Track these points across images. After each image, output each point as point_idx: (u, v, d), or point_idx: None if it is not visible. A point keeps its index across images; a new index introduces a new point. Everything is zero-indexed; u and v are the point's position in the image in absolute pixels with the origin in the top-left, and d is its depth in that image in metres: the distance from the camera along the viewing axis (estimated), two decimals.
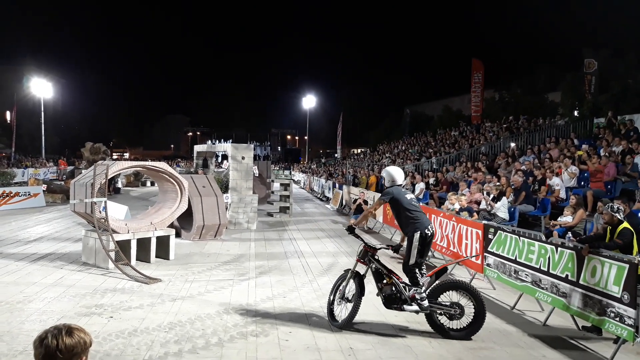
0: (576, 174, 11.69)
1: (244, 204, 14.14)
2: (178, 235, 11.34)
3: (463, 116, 37.12)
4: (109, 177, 8.81)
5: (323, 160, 56.69)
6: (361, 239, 6.16)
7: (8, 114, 54.73)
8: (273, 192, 22.82)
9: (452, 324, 5.71)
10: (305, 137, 61.36)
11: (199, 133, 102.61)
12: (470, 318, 5.63)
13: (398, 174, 6.17)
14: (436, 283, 5.83)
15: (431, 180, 16.54)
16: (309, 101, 53.91)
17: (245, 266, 9.15)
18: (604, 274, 5.31)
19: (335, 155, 53.73)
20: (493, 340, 5.67)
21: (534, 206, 11.15)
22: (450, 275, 8.47)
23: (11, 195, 17.40)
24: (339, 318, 5.89)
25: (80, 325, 2.19)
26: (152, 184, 28.85)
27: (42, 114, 43.67)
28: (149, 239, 9.22)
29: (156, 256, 9.38)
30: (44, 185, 20.49)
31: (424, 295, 5.64)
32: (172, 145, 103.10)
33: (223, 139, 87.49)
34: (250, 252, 10.53)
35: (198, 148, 17.08)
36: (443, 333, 5.67)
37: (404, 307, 5.72)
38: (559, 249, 6.08)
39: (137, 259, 8.99)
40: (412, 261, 5.71)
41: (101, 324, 5.76)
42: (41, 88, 44.52)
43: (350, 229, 6.10)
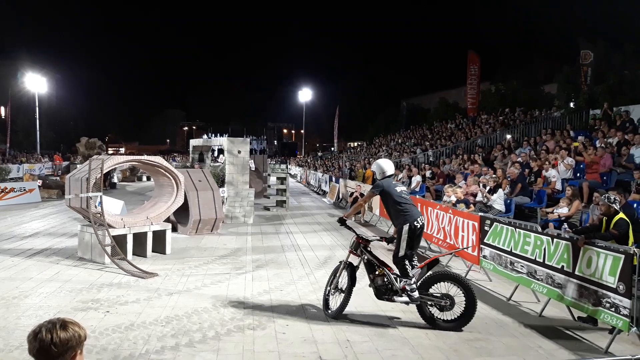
0: (572, 166, 11.72)
1: (241, 198, 14.12)
2: (174, 229, 11.32)
3: (459, 109, 37.07)
4: (104, 172, 8.78)
5: (320, 154, 56.59)
6: (353, 231, 6.24)
7: (2, 110, 54.33)
8: (270, 186, 22.83)
9: (443, 315, 5.73)
10: (302, 131, 61.17)
11: (195, 127, 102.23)
12: (461, 310, 5.65)
13: (388, 166, 6.25)
14: (428, 274, 5.85)
15: (427, 173, 16.55)
16: (305, 95, 53.74)
17: (242, 260, 9.15)
18: (600, 264, 5.33)
19: (332, 148, 53.64)
20: (489, 331, 5.69)
21: (530, 198, 11.18)
22: (446, 267, 8.50)
23: (6, 191, 17.36)
24: (332, 308, 6.00)
25: (76, 320, 2.18)
26: (148, 178, 28.79)
27: (37, 109, 43.42)
28: (145, 234, 9.21)
29: (153, 251, 9.38)
30: (39, 180, 20.38)
31: (414, 286, 5.67)
32: (168, 140, 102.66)
33: (219, 133, 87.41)
34: (247, 246, 10.53)
35: (194, 142, 17.03)
36: (434, 324, 5.70)
37: (395, 298, 5.78)
38: (555, 240, 6.10)
39: (134, 254, 8.99)
40: (402, 253, 5.74)
41: (98, 319, 5.76)
42: (36, 83, 44.19)
43: (342, 221, 6.20)
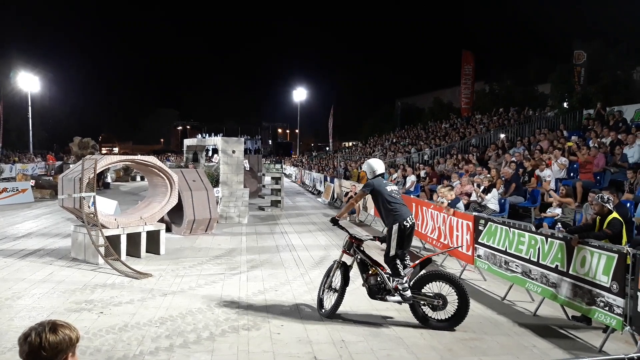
0: (566, 165, 11.76)
1: (235, 198, 14.09)
2: (168, 229, 11.28)
3: (454, 108, 37.15)
4: (97, 172, 8.72)
5: (314, 153, 56.58)
6: (346, 230, 6.26)
7: None
8: (264, 186, 22.78)
9: (436, 314, 5.74)
10: (297, 131, 61.26)
11: (189, 127, 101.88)
12: (454, 309, 5.66)
13: (378, 165, 6.28)
14: (421, 274, 5.86)
15: (422, 173, 16.58)
16: (300, 94, 53.73)
17: (237, 260, 9.13)
18: (593, 264, 5.35)
19: (327, 148, 53.64)
20: (484, 330, 5.70)
21: (524, 197, 11.22)
22: (441, 267, 8.51)
23: None
24: (326, 307, 6.01)
25: (69, 321, 2.16)
26: (142, 178, 28.66)
27: (30, 108, 43.14)
28: (139, 234, 9.16)
29: (147, 251, 9.33)
30: (32, 180, 20.26)
31: (407, 285, 5.68)
32: (162, 140, 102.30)
33: (213, 133, 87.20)
34: (241, 246, 10.50)
35: (188, 142, 16.98)
36: (426, 323, 5.70)
37: (387, 298, 5.79)
38: (549, 239, 6.12)
39: (127, 254, 8.94)
40: (392, 252, 5.76)
41: (91, 320, 5.72)
42: (28, 82, 43.88)
43: (334, 221, 6.21)
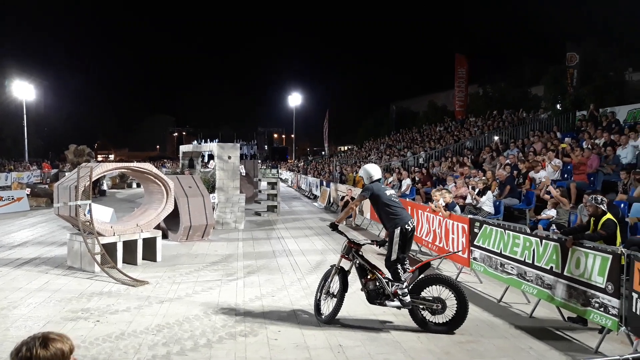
0: (560, 167, 11.83)
1: (231, 204, 14.08)
2: (165, 236, 11.25)
3: (448, 111, 37.27)
4: (93, 179, 8.71)
5: (310, 158, 56.62)
6: (345, 235, 6.25)
7: None
8: (260, 191, 22.76)
9: (435, 318, 5.75)
10: (292, 135, 61.26)
11: (184, 133, 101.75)
12: (453, 313, 5.67)
13: (374, 170, 6.29)
14: (419, 278, 5.87)
15: (416, 176, 16.62)
16: (295, 99, 53.86)
17: (234, 266, 9.12)
18: (588, 265, 5.39)
19: (323, 152, 53.66)
20: (480, 333, 5.72)
21: (519, 199, 11.27)
22: (437, 270, 8.53)
23: None
24: (325, 313, 5.99)
25: (66, 330, 2.17)
26: (138, 185, 28.58)
27: (25, 116, 43.01)
28: (135, 241, 9.14)
29: (143, 258, 9.31)
30: (27, 189, 20.15)
31: (406, 290, 5.69)
32: (158, 146, 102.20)
33: (209, 139, 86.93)
34: (238, 252, 10.50)
35: (184, 148, 16.97)
36: (425, 327, 5.71)
37: (387, 303, 5.80)
38: (544, 241, 6.15)
39: (124, 262, 8.92)
40: (394, 257, 5.77)
41: (88, 329, 5.69)
42: (23, 90, 43.75)
43: (333, 226, 6.19)
